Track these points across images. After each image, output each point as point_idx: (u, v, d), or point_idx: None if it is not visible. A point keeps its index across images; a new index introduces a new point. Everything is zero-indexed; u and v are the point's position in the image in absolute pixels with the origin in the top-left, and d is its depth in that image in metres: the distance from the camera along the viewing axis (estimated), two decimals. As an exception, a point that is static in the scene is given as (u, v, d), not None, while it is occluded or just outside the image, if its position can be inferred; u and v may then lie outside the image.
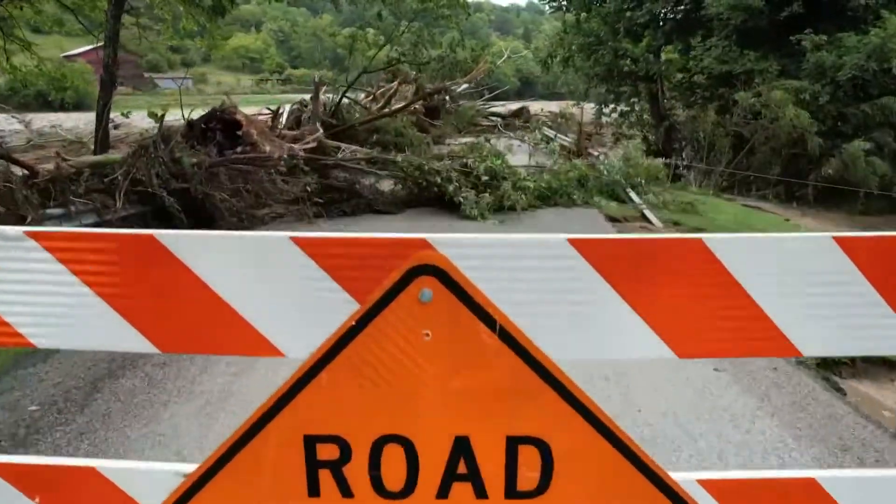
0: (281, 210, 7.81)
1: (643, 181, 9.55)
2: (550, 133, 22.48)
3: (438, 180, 7.73)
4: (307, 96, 14.68)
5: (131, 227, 6.90)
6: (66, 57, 50.71)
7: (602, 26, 19.62)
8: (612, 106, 23.09)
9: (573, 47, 21.97)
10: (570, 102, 29.07)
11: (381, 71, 13.99)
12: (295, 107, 17.88)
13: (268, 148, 8.87)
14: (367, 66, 13.47)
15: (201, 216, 7.24)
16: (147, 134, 27.93)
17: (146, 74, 77.58)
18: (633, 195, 9.23)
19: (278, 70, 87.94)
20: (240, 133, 8.86)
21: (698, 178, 14.90)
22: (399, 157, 7.82)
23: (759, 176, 13.39)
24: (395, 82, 15.13)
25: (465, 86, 13.09)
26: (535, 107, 42.82)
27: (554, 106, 44.23)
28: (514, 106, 32.76)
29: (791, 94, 12.65)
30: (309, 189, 7.27)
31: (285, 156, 7.40)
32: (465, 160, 8.09)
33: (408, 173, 7.85)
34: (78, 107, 55.89)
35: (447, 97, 12.97)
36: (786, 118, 12.23)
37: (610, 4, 18.68)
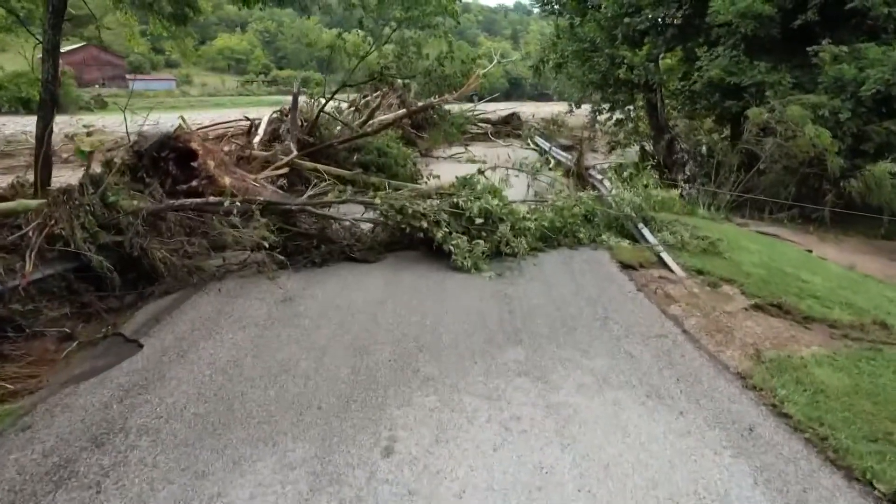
0: (237, 261, 6.59)
1: (656, 216, 8.47)
2: (545, 145, 21.47)
3: (424, 225, 6.57)
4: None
5: (50, 291, 5.67)
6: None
7: (598, 32, 18.57)
8: (607, 114, 22.11)
9: (567, 54, 20.91)
10: (564, 110, 28.06)
11: (362, 84, 12.80)
12: (275, 115, 16.74)
13: (227, 181, 7.68)
14: (347, 79, 12.28)
15: (140, 271, 6.02)
16: (122, 142, 26.14)
17: (127, 76, 76.04)
18: (646, 232, 8.13)
19: (264, 71, 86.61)
20: (195, 165, 7.66)
21: (705, 199, 13.87)
22: (378, 199, 6.63)
23: (775, 201, 12.37)
24: (379, 94, 13.96)
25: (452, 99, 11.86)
26: (523, 108, 41.97)
27: (545, 107, 43.42)
28: (503, 111, 31.71)
29: (809, 110, 11.64)
30: (268, 244, 6.06)
31: (238, 203, 6.17)
32: (455, 199, 6.92)
33: (388, 217, 6.68)
34: (56, 109, 54.21)
35: (434, 113, 11.82)
36: (805, 137, 11.21)
37: (607, 10, 17.58)
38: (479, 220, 6.77)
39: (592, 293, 6.01)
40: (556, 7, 22.09)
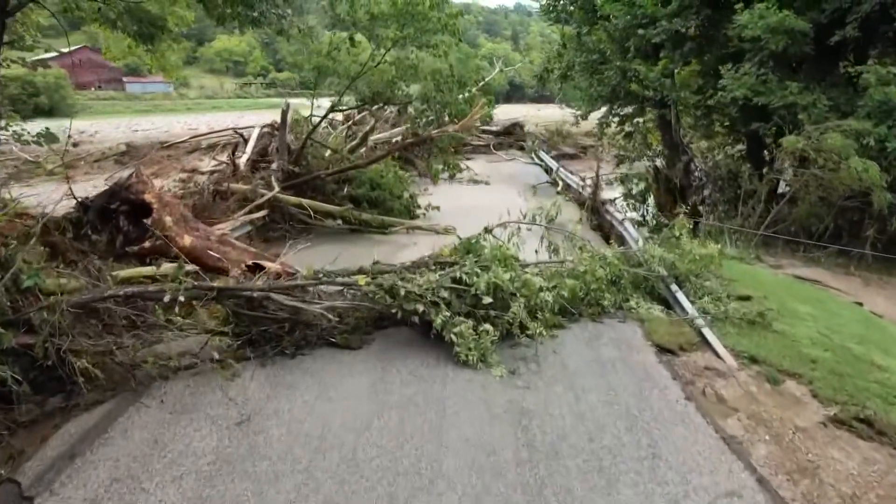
0: (186, 352, 5.36)
1: (690, 270, 7.26)
2: (552, 163, 20.26)
3: (420, 309, 5.35)
4: (291, 100, 12.31)
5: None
6: (38, 61, 47.68)
7: (609, 44, 17.33)
8: (616, 128, 20.90)
9: (574, 66, 19.73)
10: (567, 116, 26.61)
11: (352, 109, 11.61)
12: (265, 130, 15.65)
13: (187, 242, 6.46)
14: (337, 103, 11.05)
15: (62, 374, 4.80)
16: (111, 152, 24.72)
17: (123, 79, 74.82)
18: (681, 298, 6.91)
19: (262, 73, 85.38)
20: (148, 223, 6.44)
21: (725, 227, 12.65)
22: (363, 279, 5.39)
23: (813, 244, 11.13)
24: (371, 116, 12.76)
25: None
26: (524, 111, 40.73)
27: (546, 110, 42.16)
28: (504, 119, 30.44)
29: (851, 139, 10.41)
30: (219, 350, 4.84)
31: (182, 296, 4.93)
32: (457, 272, 5.69)
33: (376, 300, 5.45)
34: (51, 113, 53.09)
35: (434, 144, 10.60)
36: (851, 170, 9.97)
37: (618, 20, 16.34)
38: (487, 300, 5.54)
39: (631, 404, 4.78)
40: (562, 16, 20.85)
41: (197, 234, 6.73)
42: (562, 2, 20.80)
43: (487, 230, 6.74)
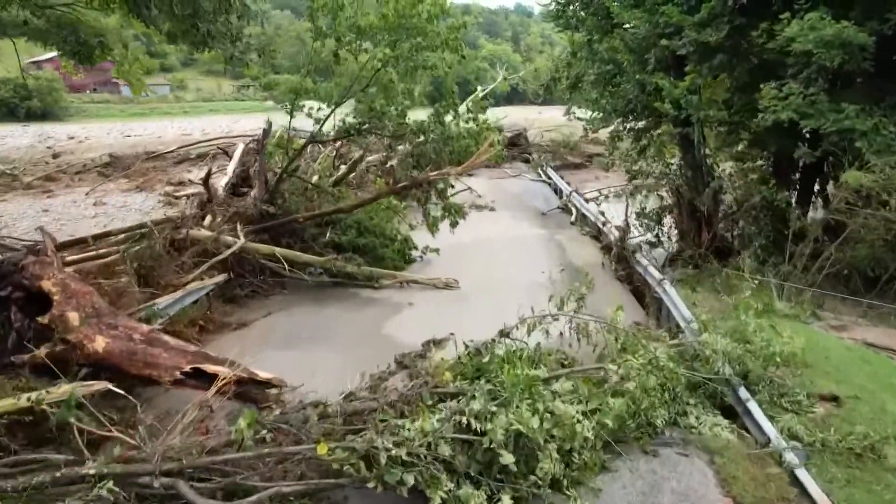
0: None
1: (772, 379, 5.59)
2: (564, 186, 18.58)
3: (410, 481, 3.66)
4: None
5: None
6: (33, 63, 46.11)
7: (626, 54, 15.66)
8: (631, 144, 19.25)
9: (586, 78, 18.11)
10: (570, 119, 24.70)
11: (334, 141, 9.95)
12: (251, 146, 14.15)
13: (100, 346, 4.79)
14: (317, 133, 9.37)
15: None
16: (93, 164, 22.69)
17: (120, 81, 73.12)
18: (754, 408, 5.24)
19: (260, 76, 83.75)
20: (45, 321, 4.74)
21: (771, 271, 10.98)
22: (324, 448, 3.66)
23: (876, 304, 9.45)
24: (359, 147, 11.13)
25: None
26: (526, 114, 39.02)
27: (547, 112, 40.44)
28: (507, 126, 28.79)
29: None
30: None
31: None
32: (463, 413, 3.99)
33: (345, 474, 3.75)
34: (44, 116, 51.38)
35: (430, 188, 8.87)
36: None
37: (639, 29, 14.66)
38: (507, 458, 3.85)
39: None
40: (572, 22, 19.17)
41: (115, 334, 5.04)
42: (571, 7, 19.17)
43: (503, 333, 5.05)
